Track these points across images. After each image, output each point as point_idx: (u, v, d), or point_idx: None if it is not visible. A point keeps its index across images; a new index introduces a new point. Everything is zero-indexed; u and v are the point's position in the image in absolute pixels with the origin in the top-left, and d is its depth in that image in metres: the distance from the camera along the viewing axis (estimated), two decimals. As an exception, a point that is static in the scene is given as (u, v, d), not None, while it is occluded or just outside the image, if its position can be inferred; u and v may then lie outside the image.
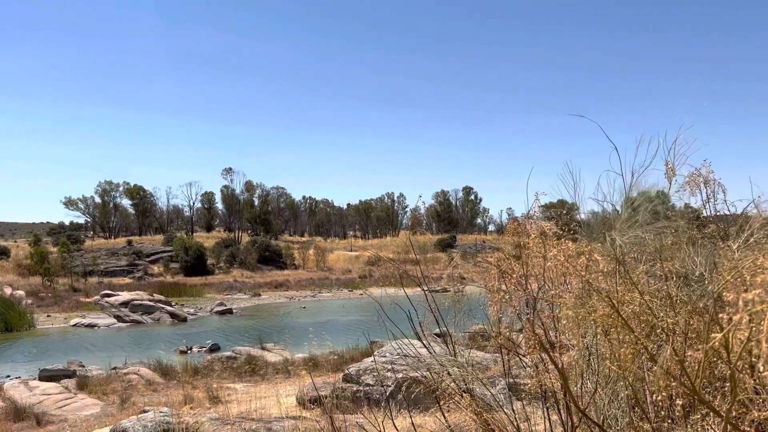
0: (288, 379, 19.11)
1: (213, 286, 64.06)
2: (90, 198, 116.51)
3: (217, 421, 8.56)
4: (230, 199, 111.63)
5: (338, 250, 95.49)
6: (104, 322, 42.21)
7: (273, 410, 11.34)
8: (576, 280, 2.29)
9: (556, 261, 2.23)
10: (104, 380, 20.76)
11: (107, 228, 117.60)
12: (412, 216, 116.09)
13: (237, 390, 17.80)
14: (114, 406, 17.49)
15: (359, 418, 7.75)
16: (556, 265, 2.27)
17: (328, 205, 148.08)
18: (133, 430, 8.42)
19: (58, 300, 50.47)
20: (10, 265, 68.50)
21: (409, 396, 8.04)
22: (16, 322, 39.78)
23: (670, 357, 1.78)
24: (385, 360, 11.43)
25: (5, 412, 16.98)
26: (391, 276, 63.30)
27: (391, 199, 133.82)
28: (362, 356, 18.13)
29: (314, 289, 64.60)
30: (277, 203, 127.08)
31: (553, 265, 2.30)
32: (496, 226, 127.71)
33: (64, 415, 16.83)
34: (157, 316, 44.01)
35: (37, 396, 18.50)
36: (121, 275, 67.62)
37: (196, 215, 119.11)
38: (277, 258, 79.70)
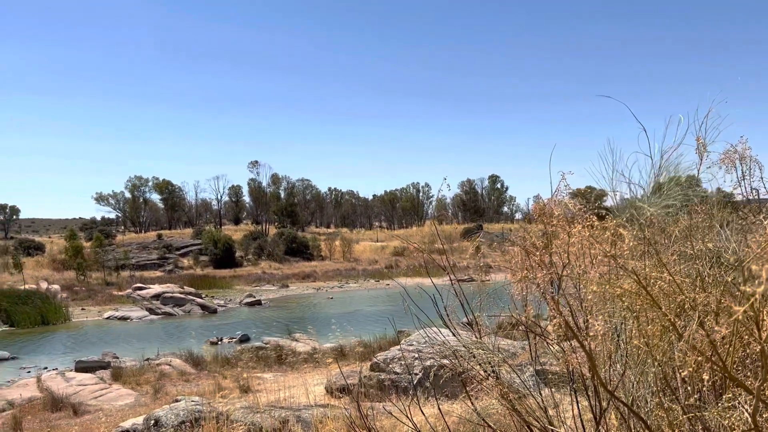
0: (316, 369, 19.28)
1: (242, 278, 64.79)
2: (120, 193, 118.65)
3: (248, 409, 8.67)
4: (257, 191, 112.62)
5: (364, 240, 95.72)
6: (137, 314, 43.03)
7: (302, 399, 11.45)
8: (601, 255, 2.24)
9: (581, 237, 2.18)
10: (138, 371, 21.18)
11: (138, 222, 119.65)
12: (437, 205, 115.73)
13: (266, 379, 18.01)
14: (147, 396, 17.84)
15: (387, 406, 7.78)
16: (580, 240, 2.22)
17: (354, 197, 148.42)
18: (166, 419, 8.57)
19: (92, 294, 51.54)
20: (45, 260, 70.20)
21: (437, 383, 8.05)
22: (52, 316, 40.77)
23: (696, 329, 1.74)
24: (412, 348, 11.45)
25: (43, 402, 17.45)
26: (417, 266, 63.33)
27: (416, 189, 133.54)
28: (389, 345, 18.20)
29: (341, 280, 64.92)
30: (303, 195, 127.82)
31: (578, 241, 2.25)
32: (522, 215, 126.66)
33: (99, 405, 17.23)
34: (187, 308, 44.70)
35: (74, 387, 18.95)
36: (152, 269, 68.75)
37: (223, 208, 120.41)
38: (304, 249, 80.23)
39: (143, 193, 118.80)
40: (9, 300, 41.31)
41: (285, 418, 7.88)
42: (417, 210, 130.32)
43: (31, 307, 40.71)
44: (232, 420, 7.84)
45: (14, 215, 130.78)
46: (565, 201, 2.54)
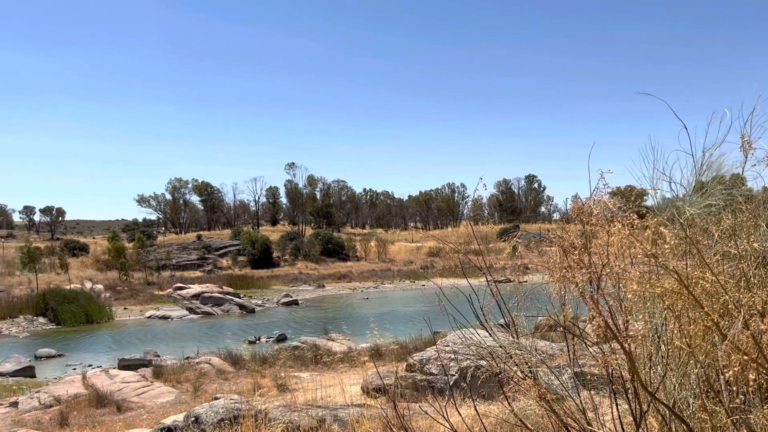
0: (352, 369, 19.35)
1: (279, 278, 65.50)
2: (161, 195, 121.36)
3: (285, 408, 8.77)
4: (293, 193, 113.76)
5: (399, 241, 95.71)
6: (177, 314, 43.90)
7: (338, 398, 11.53)
8: (641, 255, 2.19)
9: (620, 235, 2.14)
10: (178, 369, 21.59)
11: (178, 223, 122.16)
12: (473, 205, 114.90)
13: (303, 378, 18.17)
14: (187, 394, 18.18)
15: (423, 406, 7.77)
16: (620, 239, 2.18)
17: (389, 197, 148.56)
18: (206, 416, 8.72)
19: (134, 293, 52.78)
20: (89, 260, 72.22)
21: (474, 384, 8.00)
22: (96, 315, 41.90)
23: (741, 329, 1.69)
24: (449, 349, 11.41)
25: (88, 398, 17.95)
26: (453, 267, 63.01)
27: (451, 190, 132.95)
28: (425, 346, 18.15)
29: (376, 280, 65.05)
30: (339, 196, 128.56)
31: (617, 240, 2.22)
32: (561, 215, 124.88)
33: (141, 402, 17.63)
34: (226, 308, 45.42)
35: (117, 384, 19.43)
36: (191, 269, 70.05)
37: (261, 209, 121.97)
38: (340, 250, 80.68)
39: (183, 194, 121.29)
40: (56, 299, 42.63)
41: (322, 417, 7.94)
42: (452, 210, 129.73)
43: (77, 306, 41.91)
44: (270, 418, 7.93)
45: (60, 217, 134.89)
46: (604, 200, 2.50)
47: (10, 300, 45.91)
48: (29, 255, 56.77)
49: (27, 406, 17.99)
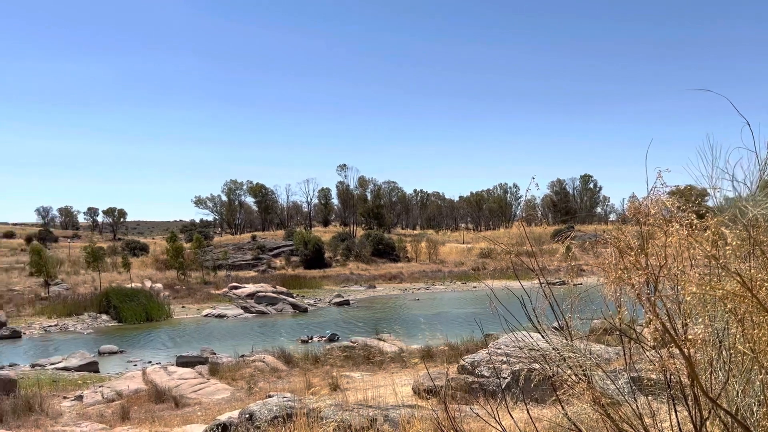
0: (403, 369, 19.36)
1: (330, 279, 66.16)
2: (217, 197, 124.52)
3: (337, 407, 8.85)
4: (345, 194, 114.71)
5: (450, 242, 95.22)
6: (232, 312, 44.92)
7: (389, 399, 11.54)
8: (701, 256, 2.12)
9: (679, 235, 2.07)
10: (233, 367, 22.09)
11: (233, 224, 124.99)
12: (526, 206, 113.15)
13: (354, 378, 18.29)
14: (242, 391, 18.57)
15: (475, 409, 7.71)
16: (679, 240, 2.11)
17: (439, 198, 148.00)
18: (260, 414, 8.88)
19: (191, 292, 54.28)
20: (149, 259, 74.74)
21: (526, 388, 7.88)
22: (155, 313, 43.31)
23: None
24: (501, 352, 11.28)
25: (148, 394, 18.56)
26: (505, 268, 62.21)
27: (503, 190, 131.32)
28: (477, 348, 17.98)
29: (427, 281, 64.88)
30: (389, 197, 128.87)
31: (676, 241, 2.14)
32: (617, 215, 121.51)
33: (198, 399, 18.11)
34: (280, 307, 46.18)
35: (175, 380, 20.01)
36: (246, 269, 71.55)
37: (313, 211, 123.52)
38: (391, 251, 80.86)
39: (238, 196, 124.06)
40: (118, 297, 44.29)
41: (373, 417, 7.98)
42: (504, 211, 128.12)
43: (137, 304, 43.43)
44: (322, 417, 8.02)
45: (122, 218, 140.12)
46: (662, 199, 2.42)
47: (75, 298, 48.00)
48: (93, 255, 59.15)
49: (91, 400, 18.74)
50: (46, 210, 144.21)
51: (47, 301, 47.58)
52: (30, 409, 16.72)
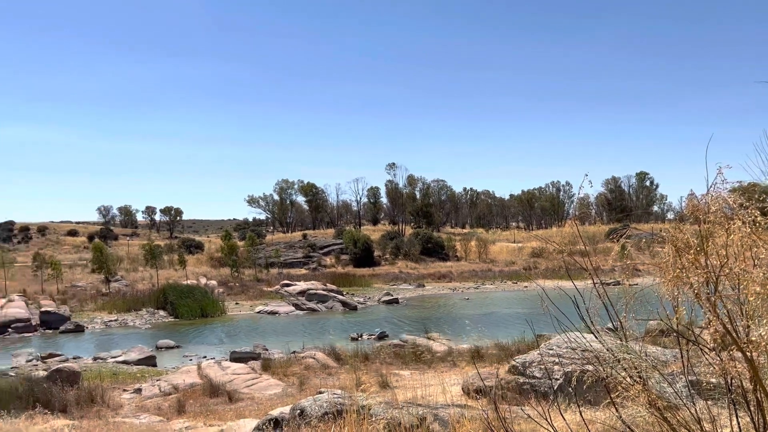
0: (453, 369, 19.27)
1: (379, 277, 66.39)
2: (269, 196, 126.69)
3: (387, 404, 8.88)
4: (394, 193, 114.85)
5: (500, 241, 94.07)
6: (284, 309, 45.65)
7: (439, 398, 11.50)
8: (765, 254, 2.02)
9: (741, 234, 1.99)
10: (285, 363, 22.44)
11: (285, 223, 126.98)
12: (579, 204, 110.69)
13: (404, 376, 18.31)
14: (293, 387, 18.85)
15: (526, 410, 7.60)
16: (741, 238, 2.02)
17: (490, 196, 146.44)
18: (311, 409, 9.00)
19: (245, 289, 55.42)
20: (204, 257, 76.70)
21: (579, 389, 7.73)
22: (210, 309, 44.44)
23: None
24: (552, 353, 11.08)
25: (203, 388, 19.07)
26: (557, 268, 61.04)
27: (556, 188, 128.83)
28: (528, 349, 17.73)
29: (477, 281, 64.33)
30: (438, 196, 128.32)
31: (738, 239, 2.06)
32: (675, 214, 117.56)
33: (251, 393, 18.49)
34: (330, 305, 46.66)
35: (229, 375, 20.48)
36: (297, 266, 72.56)
37: (362, 209, 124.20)
38: (440, 250, 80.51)
39: (290, 195, 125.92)
40: (174, 294, 45.64)
41: (423, 416, 7.96)
42: (557, 209, 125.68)
43: (193, 301, 44.65)
44: (372, 414, 8.06)
45: (178, 217, 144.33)
46: (723, 196, 2.33)
47: (134, 294, 49.73)
48: (151, 252, 61.15)
49: (149, 393, 19.38)
50: (106, 209, 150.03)
51: (108, 296, 49.48)
52: (92, 401, 17.43)
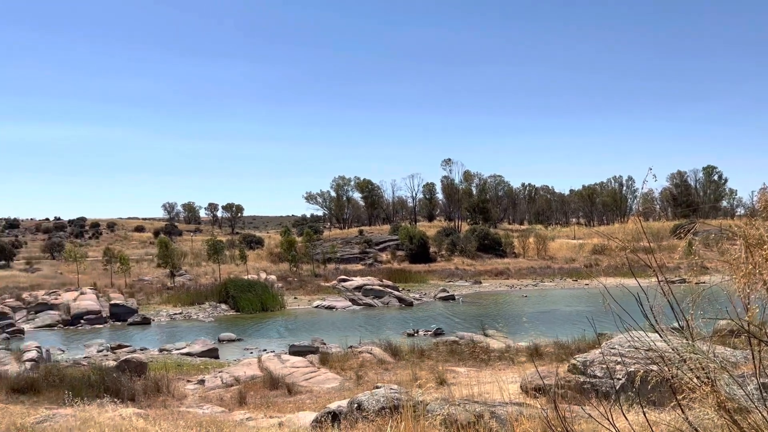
0: (510, 367, 19.04)
1: (435, 273, 66.19)
2: (327, 192, 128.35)
3: (443, 401, 8.86)
4: (449, 188, 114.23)
5: (560, 238, 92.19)
6: (341, 304, 46.17)
7: (496, 395, 11.39)
8: None
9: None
10: (342, 357, 22.70)
11: (341, 219, 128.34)
12: (642, 199, 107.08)
13: (460, 373, 18.22)
14: (351, 381, 19.05)
15: (586, 409, 7.42)
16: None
17: (549, 192, 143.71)
18: (368, 404, 9.08)
19: (303, 284, 56.34)
20: (264, 252, 78.46)
21: (642, 390, 7.51)
22: (270, 303, 45.41)
23: None
24: (614, 352, 10.79)
25: (263, 380, 19.50)
26: (620, 265, 59.28)
27: (618, 183, 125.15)
28: (588, 347, 17.34)
29: (535, 278, 63.24)
30: (495, 191, 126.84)
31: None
32: (745, 209, 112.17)
33: (309, 387, 18.79)
34: (386, 300, 46.88)
35: (288, 368, 20.88)
36: (354, 262, 73.23)
37: (418, 205, 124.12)
38: (497, 246, 79.57)
39: (346, 191, 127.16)
40: (235, 288, 46.85)
41: (480, 413, 7.91)
42: (619, 205, 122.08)
43: (253, 295, 45.72)
44: (429, 410, 8.06)
45: (239, 213, 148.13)
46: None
47: (197, 288, 51.36)
48: (213, 247, 63.01)
49: (212, 384, 19.98)
50: (171, 206, 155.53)
51: (172, 290, 51.28)
52: (158, 391, 18.11)
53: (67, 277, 58.89)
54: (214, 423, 9.00)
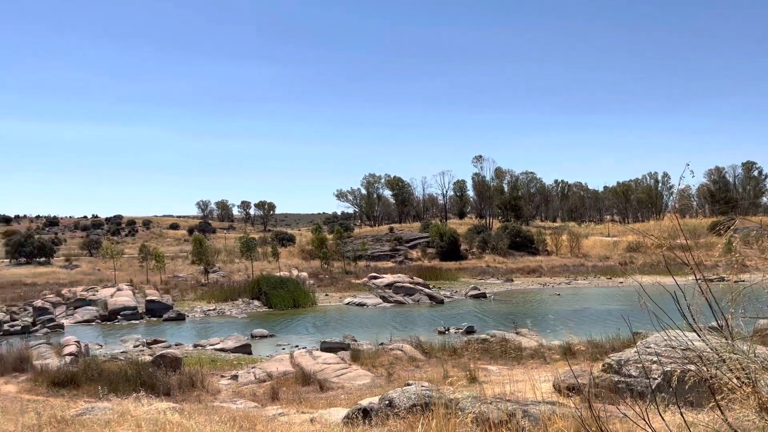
0: (543, 365, 18.85)
1: (466, 271, 65.87)
2: (357, 190, 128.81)
3: (475, 399, 8.82)
4: (481, 186, 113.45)
5: (594, 235, 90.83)
6: (371, 301, 46.28)
7: (528, 394, 11.28)
8: None
9: None
10: (373, 354, 22.76)
11: (372, 216, 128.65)
12: (679, 196, 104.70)
13: (491, 371, 18.11)
14: (382, 378, 19.09)
15: (622, 409, 7.30)
16: None
17: (582, 189, 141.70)
18: (399, 401, 9.09)
19: (334, 281, 56.65)
20: (295, 249, 79.12)
21: (680, 390, 7.35)
22: (301, 300, 45.78)
23: None
24: (650, 351, 10.59)
25: (295, 376, 19.67)
26: (656, 263, 58.13)
27: (653, 180, 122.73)
28: (622, 346, 17.06)
29: (568, 276, 62.45)
30: (527, 188, 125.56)
31: None
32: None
33: (340, 383, 18.89)
34: (416, 298, 46.84)
35: (319, 364, 21.02)
36: (384, 259, 73.33)
37: (449, 203, 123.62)
38: (529, 244, 78.79)
39: (377, 189, 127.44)
40: (268, 285, 47.35)
41: (512, 412, 7.84)
42: (655, 202, 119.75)
43: (285, 292, 46.14)
44: (460, 408, 8.03)
45: (271, 211, 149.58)
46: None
47: (231, 284, 52.07)
48: (246, 245, 63.77)
49: (245, 380, 20.23)
50: (205, 203, 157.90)
51: (206, 287, 52.09)
52: (193, 385, 18.42)
53: (105, 274, 60.32)
54: (248, 418, 9.11)
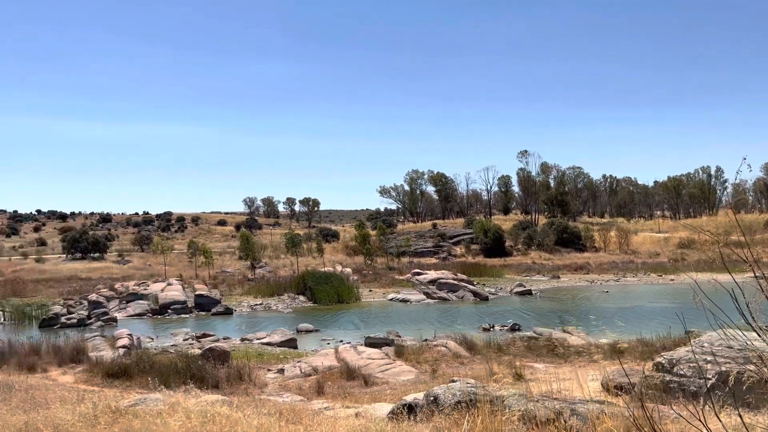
0: (590, 364, 18.48)
1: (511, 267, 65.12)
2: (400, 186, 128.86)
3: (521, 397, 8.70)
4: (526, 181, 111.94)
5: (643, 231, 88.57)
6: (415, 297, 46.24)
7: (575, 393, 11.08)
8: None
9: None
10: (417, 350, 22.74)
11: (415, 212, 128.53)
12: (734, 191, 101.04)
13: (537, 369, 17.86)
14: (426, 374, 19.05)
15: (675, 409, 7.09)
16: None
17: (631, 183, 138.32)
18: (444, 397, 9.05)
19: (377, 277, 56.85)
20: (339, 245, 79.73)
21: (737, 390, 7.10)
22: (345, 295, 46.09)
23: None
24: (704, 350, 10.26)
25: (340, 371, 19.81)
26: (709, 260, 56.28)
27: (706, 174, 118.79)
28: (674, 345, 16.59)
29: (617, 273, 61.02)
30: (574, 183, 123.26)
31: None
32: None
33: (385, 378, 18.93)
34: (460, 294, 46.55)
35: (364, 359, 21.10)
36: (427, 255, 73.17)
37: (493, 198, 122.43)
38: (576, 240, 77.33)
39: (420, 185, 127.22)
40: (313, 280, 47.87)
41: (559, 410, 7.71)
42: (708, 197, 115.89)
43: (330, 287, 46.54)
44: (506, 405, 7.95)
45: (316, 207, 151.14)
46: None
47: (276, 280, 52.87)
48: (292, 241, 64.67)
49: (291, 374, 20.50)
50: (251, 200, 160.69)
51: (253, 282, 53.02)
52: (240, 378, 18.77)
53: (155, 269, 62.07)
54: (294, 411, 9.23)
